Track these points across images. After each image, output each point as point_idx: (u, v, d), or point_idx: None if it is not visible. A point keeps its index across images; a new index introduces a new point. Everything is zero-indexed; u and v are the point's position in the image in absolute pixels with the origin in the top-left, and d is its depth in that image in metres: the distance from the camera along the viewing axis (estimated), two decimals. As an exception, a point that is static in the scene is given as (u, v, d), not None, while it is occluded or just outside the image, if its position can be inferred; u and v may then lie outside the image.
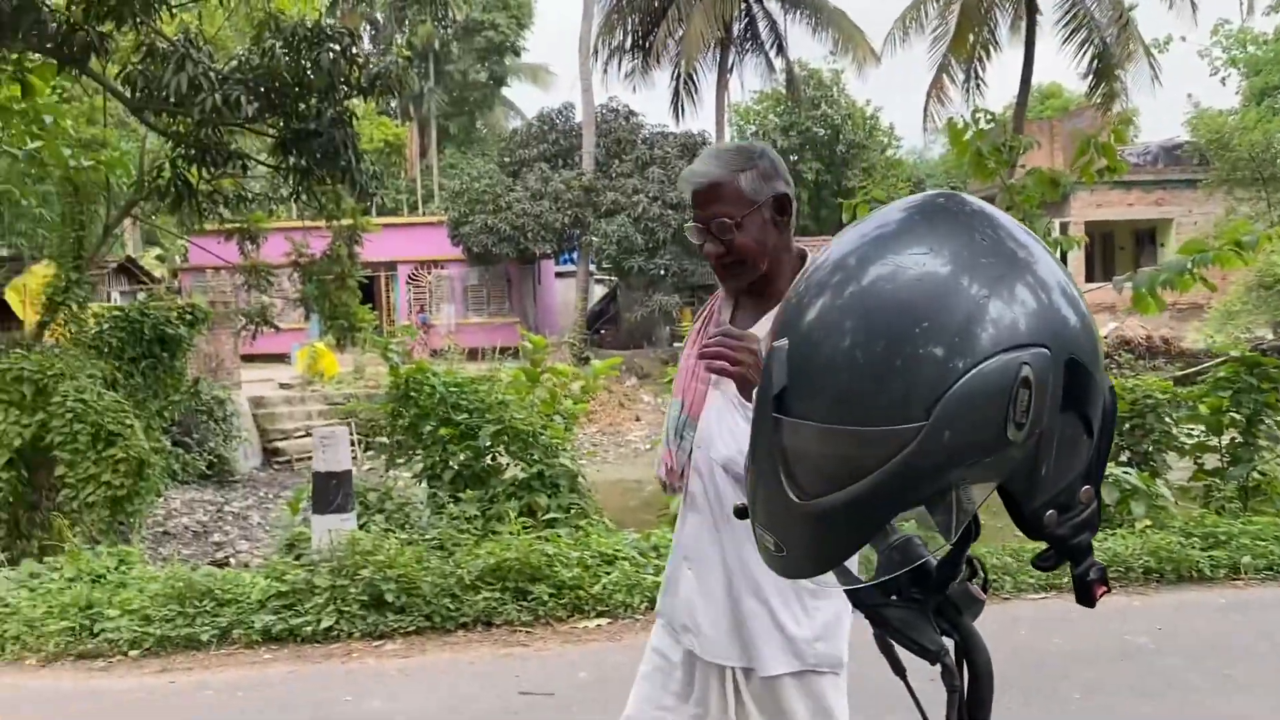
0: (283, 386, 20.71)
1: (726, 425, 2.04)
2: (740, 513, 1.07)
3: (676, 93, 27.73)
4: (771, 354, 0.91)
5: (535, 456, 7.30)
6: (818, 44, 36.55)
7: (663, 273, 24.62)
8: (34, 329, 13.11)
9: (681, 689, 2.14)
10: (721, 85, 27.76)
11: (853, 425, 0.85)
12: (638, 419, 21.41)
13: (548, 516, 6.90)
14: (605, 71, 27.62)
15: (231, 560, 11.25)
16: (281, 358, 24.53)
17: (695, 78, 27.63)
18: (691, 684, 2.13)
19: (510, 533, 6.19)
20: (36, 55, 8.93)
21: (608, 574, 5.68)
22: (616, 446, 18.83)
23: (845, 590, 1.05)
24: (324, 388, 20.36)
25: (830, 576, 1.00)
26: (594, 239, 24.63)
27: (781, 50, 28.62)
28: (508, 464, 7.68)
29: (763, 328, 2.06)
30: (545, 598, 5.43)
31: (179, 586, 5.39)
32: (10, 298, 17.49)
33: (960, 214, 0.93)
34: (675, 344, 26.36)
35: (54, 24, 8.07)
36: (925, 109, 24.87)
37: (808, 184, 38.35)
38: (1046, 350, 0.84)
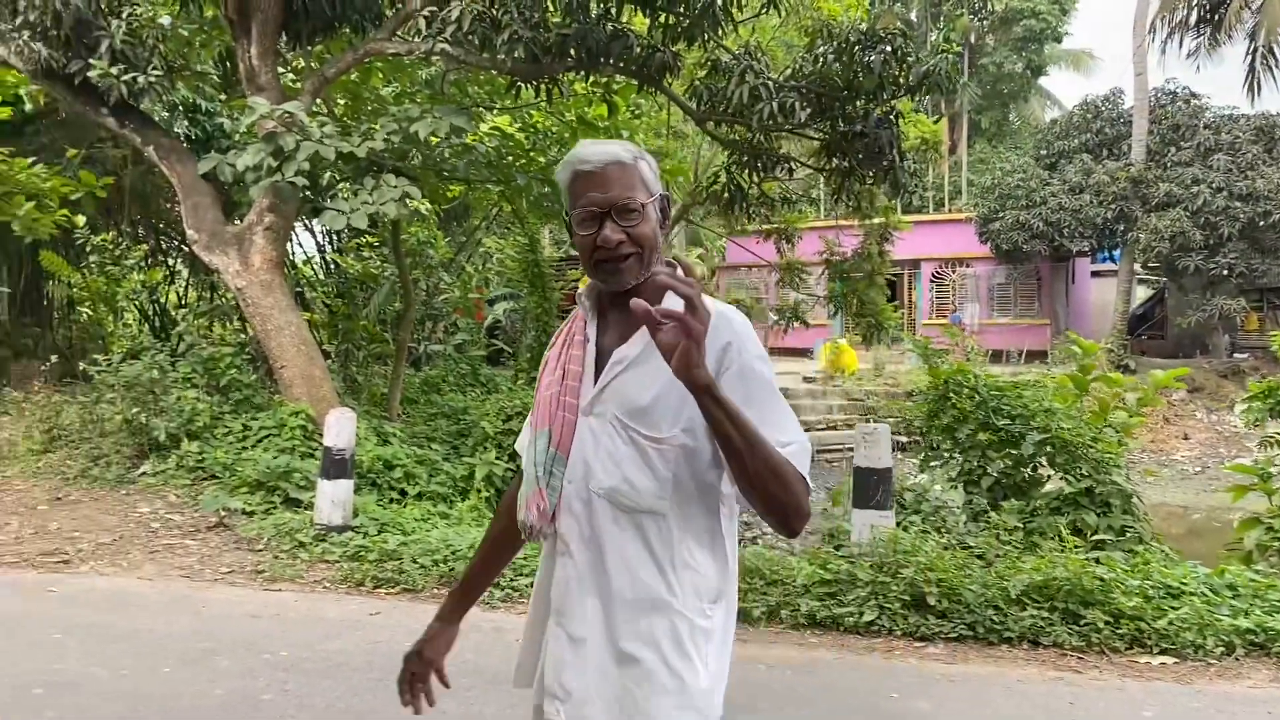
0: (806, 380, 21.51)
1: (605, 450, 1.71)
2: None
3: (1251, 69, 24.27)
4: None
5: (1084, 471, 6.83)
6: None
7: (1225, 272, 21.70)
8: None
9: None
10: (1312, 56, 23.81)
11: None
12: (1185, 437, 19.16)
13: (1096, 537, 6.42)
14: (1163, 51, 24.99)
15: (759, 541, 11.92)
16: (805, 352, 25.53)
17: (1277, 51, 23.99)
18: None
19: (1056, 550, 5.86)
20: (621, 77, 10.11)
21: (1174, 608, 5.14)
22: (1161, 466, 17.01)
23: None
24: (844, 383, 20.82)
25: None
26: (1141, 235, 22.39)
27: (1400, 8, 23.83)
28: (1049, 476, 7.29)
29: (635, 345, 1.74)
30: (1100, 625, 5.04)
31: (732, 562, 5.80)
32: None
33: None
34: (1236, 355, 23.19)
35: (637, 48, 9.07)
36: None
37: None
38: None
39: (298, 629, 5.29)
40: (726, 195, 11.05)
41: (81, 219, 10.74)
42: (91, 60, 8.65)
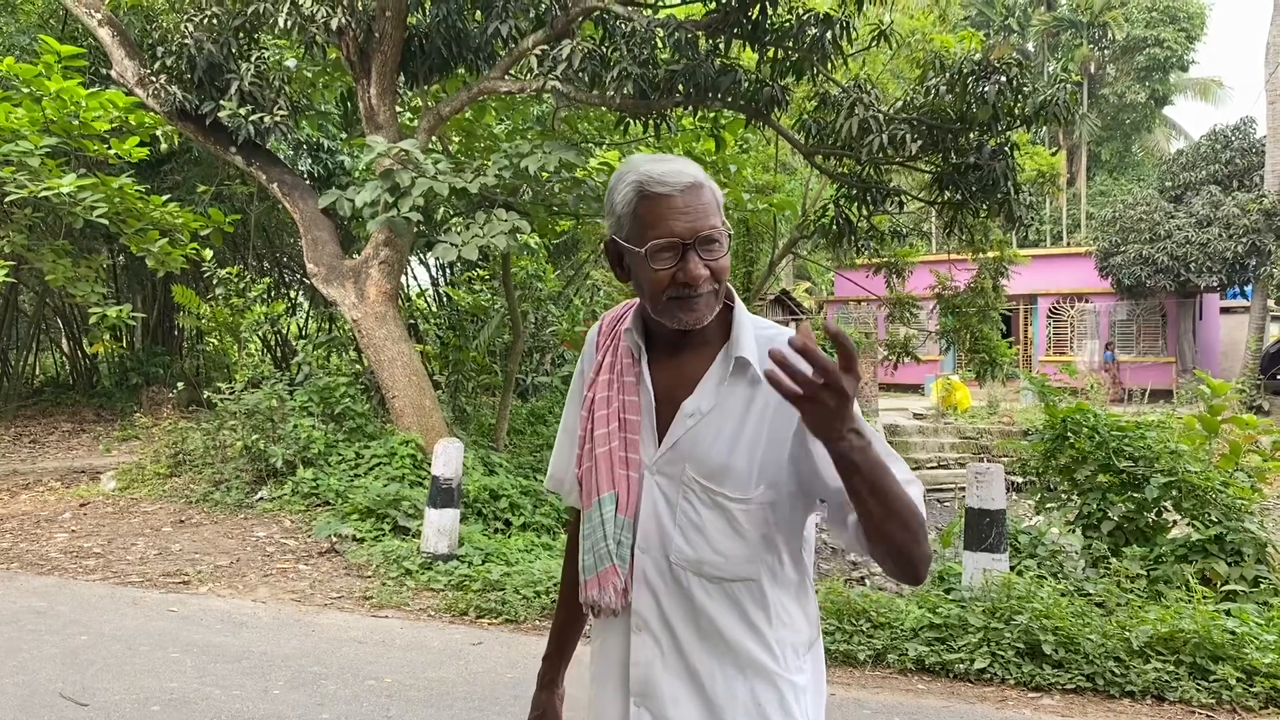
0: (916, 417, 21.05)
1: (685, 517, 1.54)
2: None
3: (1397, 94, 23.00)
4: None
5: (1213, 517, 6.48)
6: None
7: (1369, 310, 20.50)
8: (709, 352, 14.90)
9: None
10: None
11: None
12: (1327, 483, 18.04)
13: (1227, 588, 6.07)
14: (1298, 77, 23.87)
15: (867, 581, 11.64)
16: (915, 388, 25.01)
17: None
18: None
19: (1183, 600, 5.55)
20: (729, 112, 10.12)
21: (1312, 666, 4.81)
22: (1298, 513, 16.03)
23: None
24: (956, 420, 20.29)
25: None
26: (1275, 270, 21.34)
27: None
28: (1175, 521, 6.94)
29: (706, 396, 1.54)
30: (1232, 681, 4.75)
31: (838, 602, 5.68)
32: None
33: None
34: (1383, 396, 21.80)
35: (745, 83, 9.07)
36: None
37: None
38: None
39: (402, 656, 5.36)
40: (835, 229, 10.92)
41: (209, 253, 11.24)
42: (222, 101, 9.10)
